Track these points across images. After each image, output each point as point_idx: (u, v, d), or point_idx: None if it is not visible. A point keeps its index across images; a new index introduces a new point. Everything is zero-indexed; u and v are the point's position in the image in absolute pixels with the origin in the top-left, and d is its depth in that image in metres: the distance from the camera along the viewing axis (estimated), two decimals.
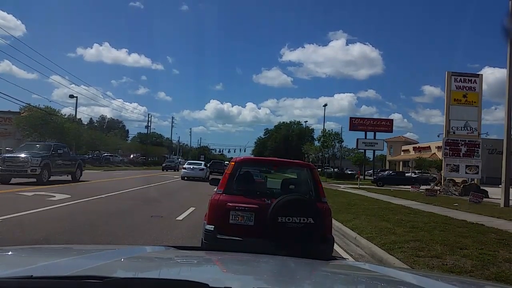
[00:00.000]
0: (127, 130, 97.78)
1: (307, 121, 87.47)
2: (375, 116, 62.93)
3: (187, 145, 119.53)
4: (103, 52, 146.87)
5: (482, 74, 26.80)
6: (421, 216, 11.20)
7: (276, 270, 2.02)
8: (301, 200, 4.79)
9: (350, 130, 46.55)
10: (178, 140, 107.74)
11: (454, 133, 25.15)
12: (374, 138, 44.91)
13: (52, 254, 2.17)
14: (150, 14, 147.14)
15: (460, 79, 25.57)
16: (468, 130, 25.19)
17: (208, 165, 32.89)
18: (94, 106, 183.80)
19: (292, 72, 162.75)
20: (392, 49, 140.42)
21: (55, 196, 12.54)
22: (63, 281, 1.28)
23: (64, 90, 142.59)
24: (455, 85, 25.47)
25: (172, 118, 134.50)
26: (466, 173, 24.93)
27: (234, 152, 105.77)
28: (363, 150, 48.03)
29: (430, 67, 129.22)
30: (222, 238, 4.65)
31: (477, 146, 25.14)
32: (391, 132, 49.01)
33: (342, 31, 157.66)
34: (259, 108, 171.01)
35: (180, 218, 9.84)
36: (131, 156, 74.79)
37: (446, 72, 25.83)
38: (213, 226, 4.77)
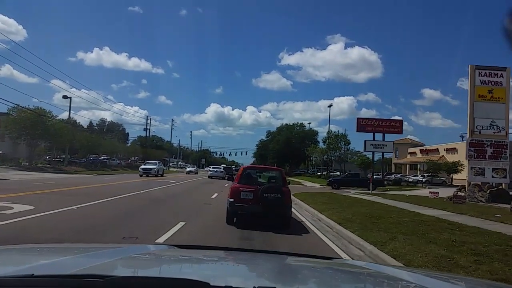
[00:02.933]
0: (127, 133, 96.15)
1: (310, 123, 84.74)
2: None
3: (187, 148, 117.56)
4: (104, 56, 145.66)
5: (509, 68, 23.85)
6: (471, 234, 8.77)
7: (277, 269, 2.02)
8: (275, 186, 9.86)
9: (357, 131, 43.37)
10: (179, 143, 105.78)
11: (480, 132, 22.55)
12: (383, 139, 42.08)
13: (53, 253, 2.17)
14: (150, 19, 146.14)
15: (485, 73, 22.90)
16: (494, 129, 22.54)
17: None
18: (95, 110, 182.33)
19: (292, 75, 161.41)
20: (391, 52, 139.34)
21: (13, 208, 10.19)
22: (64, 279, 1.28)
23: (65, 94, 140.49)
24: (480, 80, 22.84)
25: (172, 120, 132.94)
26: (492, 177, 22.36)
27: (236, 155, 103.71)
28: (371, 153, 45.38)
29: (430, 70, 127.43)
30: (237, 205, 9.62)
31: (505, 147, 22.55)
32: (401, 133, 45.93)
33: (340, 35, 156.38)
34: (260, 111, 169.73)
35: (160, 240, 7.42)
36: (129, 159, 72.60)
37: (470, 66, 23.16)
38: (233, 199, 9.66)
